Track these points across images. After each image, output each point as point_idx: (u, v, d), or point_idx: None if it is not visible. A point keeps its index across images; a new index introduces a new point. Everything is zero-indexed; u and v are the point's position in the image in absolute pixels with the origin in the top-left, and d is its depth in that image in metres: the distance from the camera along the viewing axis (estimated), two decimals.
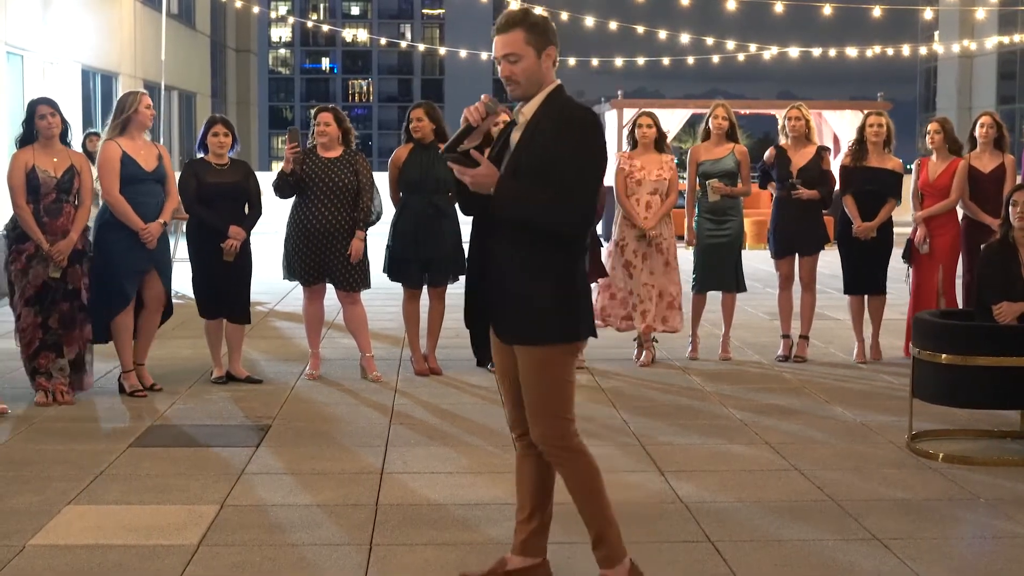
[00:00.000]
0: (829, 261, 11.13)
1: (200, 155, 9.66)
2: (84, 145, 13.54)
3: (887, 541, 5.82)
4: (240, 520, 6.17)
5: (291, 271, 9.82)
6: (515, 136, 4.87)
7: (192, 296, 9.93)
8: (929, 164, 10.69)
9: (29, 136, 8.89)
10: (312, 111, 10.10)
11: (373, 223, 9.79)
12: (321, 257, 9.63)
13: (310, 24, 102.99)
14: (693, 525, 6.07)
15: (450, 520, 6.14)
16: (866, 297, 10.84)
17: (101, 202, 9.33)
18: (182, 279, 10.70)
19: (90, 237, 9.16)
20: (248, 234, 9.64)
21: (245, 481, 6.90)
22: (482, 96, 4.88)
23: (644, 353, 10.65)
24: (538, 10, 5.21)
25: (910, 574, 5.39)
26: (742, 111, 26.54)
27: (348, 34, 56.67)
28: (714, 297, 11.09)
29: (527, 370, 4.87)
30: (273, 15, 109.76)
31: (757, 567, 5.47)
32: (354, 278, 9.73)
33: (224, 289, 9.62)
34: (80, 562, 5.54)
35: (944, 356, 7.41)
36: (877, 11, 27.31)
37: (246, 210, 9.66)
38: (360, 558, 5.57)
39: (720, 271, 10.89)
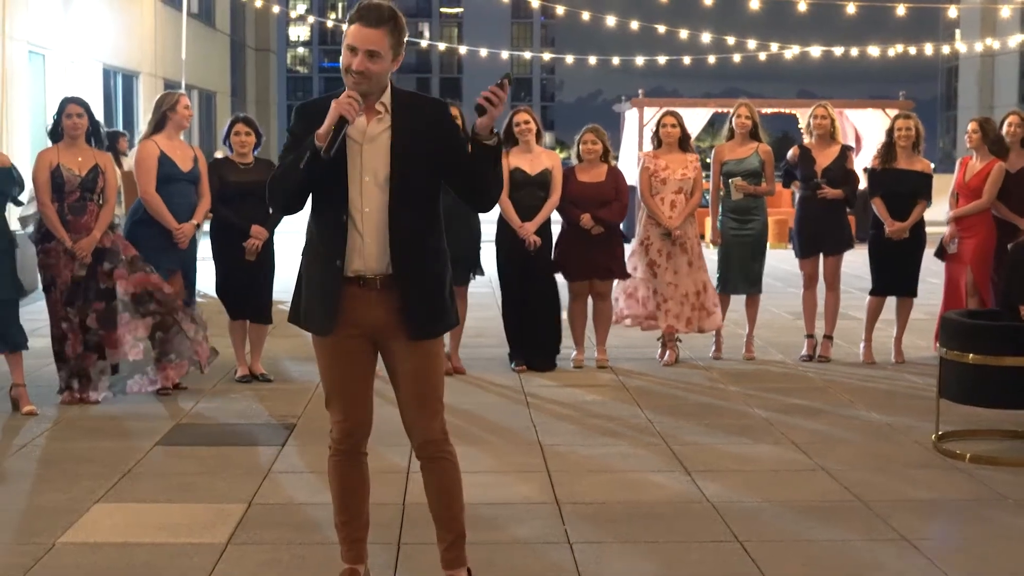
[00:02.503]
0: (851, 261, 11.11)
1: (222, 154, 9.69)
2: (113, 144, 13.57)
3: (915, 542, 5.80)
4: (268, 518, 6.18)
5: None
6: (377, 128, 4.70)
7: (215, 295, 9.95)
8: (968, 164, 10.62)
9: (56, 132, 8.91)
10: None
11: None
12: None
13: (330, 24, 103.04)
14: (720, 525, 6.07)
15: (477, 519, 6.09)
16: (896, 299, 10.79)
17: (122, 204, 9.36)
18: (205, 279, 10.69)
19: (121, 233, 9.20)
20: (271, 233, 9.65)
21: (272, 480, 6.92)
22: (345, 94, 4.66)
23: (668, 352, 10.65)
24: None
25: (938, 574, 5.38)
26: (761, 110, 26.45)
27: None
28: (738, 297, 11.05)
29: (427, 362, 4.85)
30: (293, 14, 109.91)
31: (785, 567, 5.46)
32: None
33: (246, 289, 9.64)
34: (109, 560, 5.57)
35: (971, 356, 7.39)
36: (899, 10, 27.19)
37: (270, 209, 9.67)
38: (388, 557, 5.58)
39: (744, 270, 10.87)
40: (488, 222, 9.88)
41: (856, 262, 12.27)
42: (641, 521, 6.14)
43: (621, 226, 10.77)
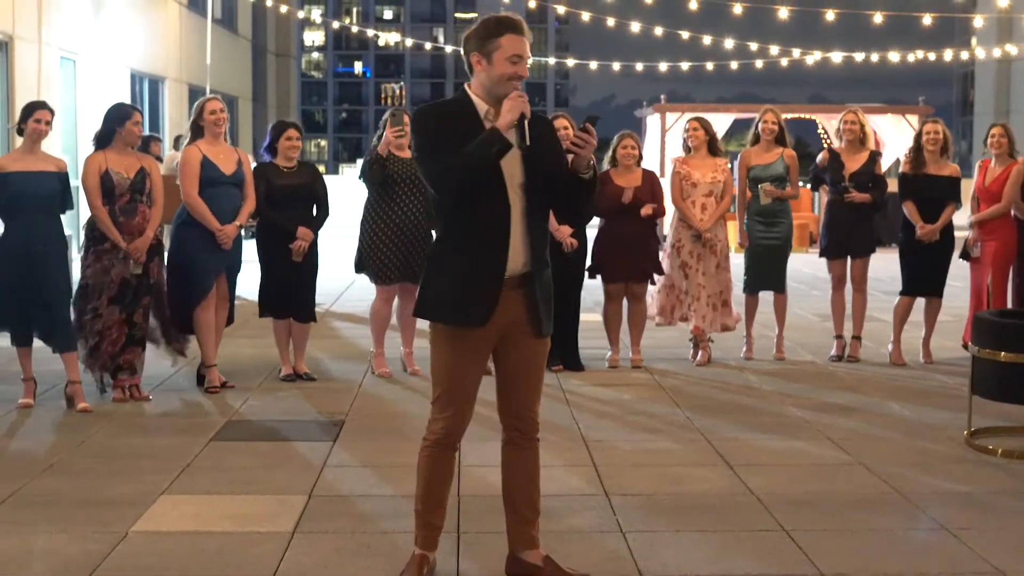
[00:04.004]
0: (874, 265, 11.36)
1: (267, 159, 9.92)
2: (146, 148, 13.81)
3: (955, 531, 6.03)
4: (329, 509, 6.42)
5: (373, 268, 10.04)
6: (508, 136, 4.99)
7: (251, 297, 10.14)
8: (988, 167, 10.86)
9: (108, 137, 9.11)
10: (392, 114, 10.20)
11: None
12: (406, 254, 9.88)
13: (355, 29, 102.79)
14: (766, 516, 6.29)
15: None
16: (924, 301, 11.02)
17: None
18: (244, 280, 10.88)
19: (165, 231, 9.46)
20: (316, 235, 9.90)
21: (328, 473, 7.15)
22: (515, 92, 5.01)
23: (700, 353, 10.87)
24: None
25: (983, 563, 5.60)
26: None
27: (381, 38, 56.76)
28: (764, 299, 11.28)
29: (544, 354, 5.30)
30: (318, 19, 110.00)
31: (833, 555, 5.67)
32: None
33: (292, 289, 9.88)
34: (182, 548, 5.80)
35: (1003, 354, 7.61)
36: (921, 19, 27.39)
37: (314, 211, 9.93)
38: (450, 545, 5.80)
39: (771, 272, 11.10)
40: None
41: (879, 266, 12.50)
42: (689, 512, 6.37)
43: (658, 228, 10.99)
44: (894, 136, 24.52)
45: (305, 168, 10.03)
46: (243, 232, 9.92)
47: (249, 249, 10.07)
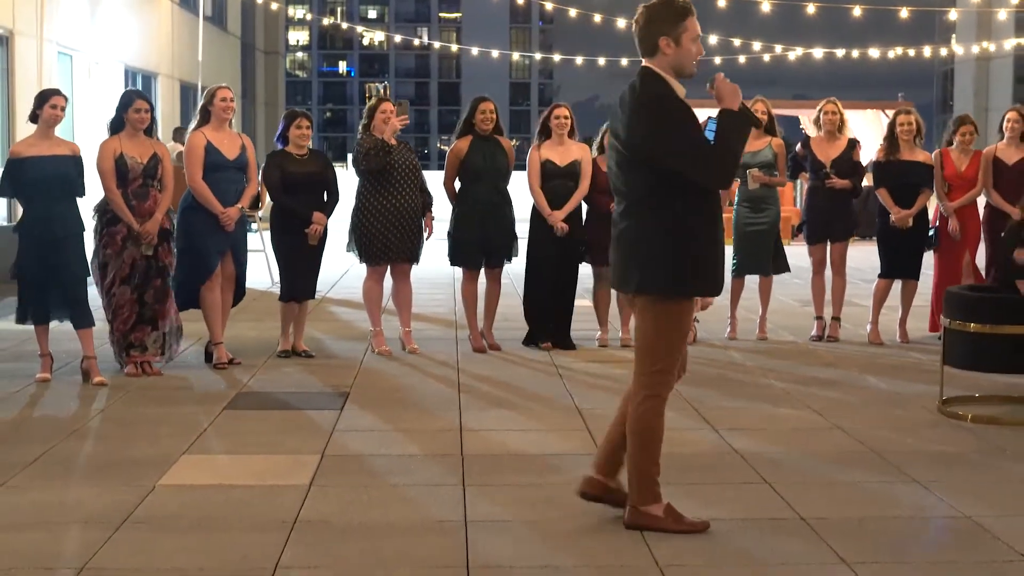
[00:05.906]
0: (853, 255, 11.82)
1: (279, 146, 10.35)
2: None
3: (925, 483, 6.50)
4: (342, 467, 6.86)
5: (366, 250, 10.49)
6: None
7: (250, 284, 10.53)
8: (952, 156, 11.38)
9: (119, 123, 9.54)
10: (398, 103, 10.72)
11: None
12: (399, 236, 10.35)
13: (344, 25, 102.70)
14: (750, 471, 6.76)
15: (534, 466, 6.84)
16: (900, 283, 11.49)
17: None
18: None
19: (173, 218, 9.88)
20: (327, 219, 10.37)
21: (338, 437, 7.59)
22: (720, 75, 5.63)
23: None
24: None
25: (946, 507, 6.10)
26: None
27: (365, 37, 56.95)
28: (748, 285, 11.75)
29: None
30: (302, 17, 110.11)
31: (812, 503, 6.14)
32: (420, 250, 10.58)
33: (307, 272, 10.36)
34: (207, 498, 6.24)
35: (972, 325, 8.11)
36: (895, 13, 27.88)
37: (324, 197, 10.39)
38: (457, 495, 6.26)
39: (757, 256, 11.54)
40: (522, 221, 10.66)
41: (859, 256, 12.97)
42: (679, 468, 6.78)
43: None
44: (873, 131, 24.93)
45: (316, 156, 10.49)
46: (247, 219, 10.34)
47: (252, 240, 10.47)
